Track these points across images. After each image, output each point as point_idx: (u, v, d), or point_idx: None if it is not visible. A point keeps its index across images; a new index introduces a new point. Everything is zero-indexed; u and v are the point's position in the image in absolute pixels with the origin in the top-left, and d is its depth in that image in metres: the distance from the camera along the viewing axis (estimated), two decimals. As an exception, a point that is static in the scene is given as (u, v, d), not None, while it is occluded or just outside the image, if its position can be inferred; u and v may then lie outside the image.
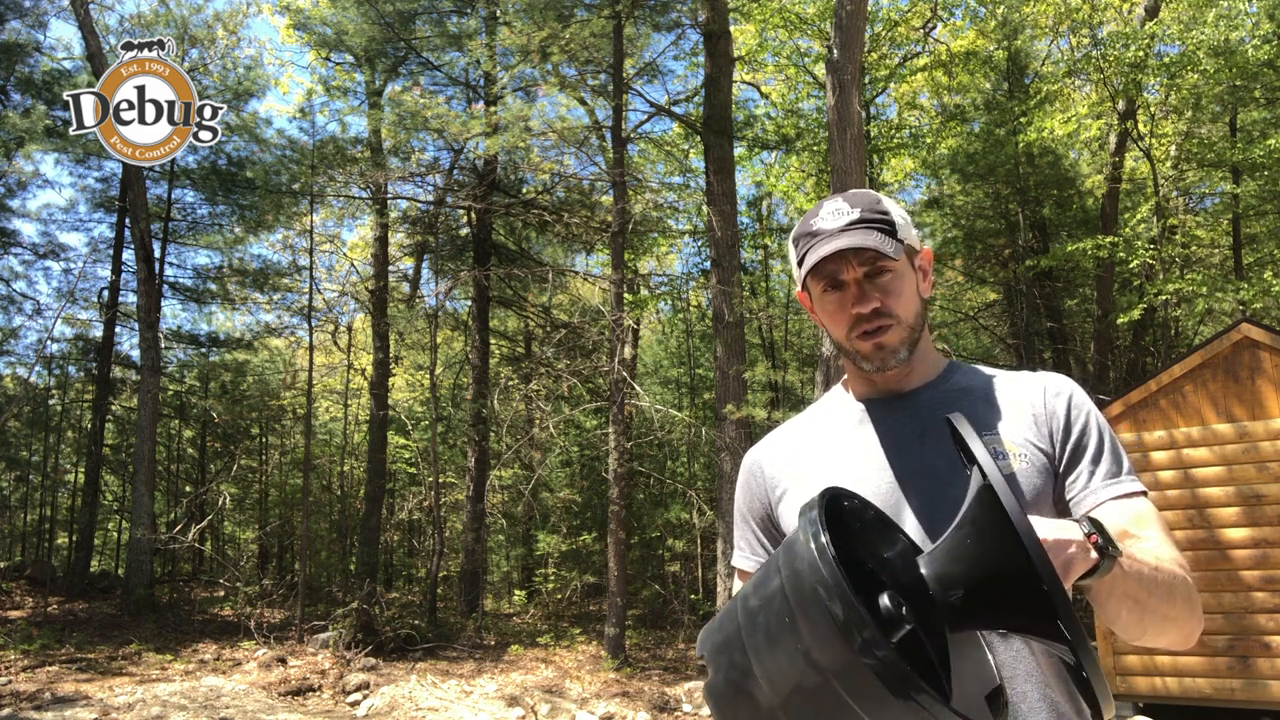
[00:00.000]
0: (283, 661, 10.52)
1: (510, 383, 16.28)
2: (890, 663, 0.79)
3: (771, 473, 1.47)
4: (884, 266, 1.33)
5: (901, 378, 1.41)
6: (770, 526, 1.47)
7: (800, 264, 1.37)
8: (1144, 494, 1.29)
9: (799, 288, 1.48)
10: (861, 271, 1.33)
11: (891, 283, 1.34)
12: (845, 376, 1.51)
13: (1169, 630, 1.19)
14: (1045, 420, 1.32)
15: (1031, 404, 1.34)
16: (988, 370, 1.43)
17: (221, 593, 15.51)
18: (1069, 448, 1.31)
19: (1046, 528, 1.02)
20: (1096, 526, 1.05)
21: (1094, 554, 1.02)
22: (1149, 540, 1.24)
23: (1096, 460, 1.30)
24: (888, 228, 1.33)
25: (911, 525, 1.29)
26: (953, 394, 1.38)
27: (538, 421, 15.17)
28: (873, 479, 1.33)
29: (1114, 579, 1.07)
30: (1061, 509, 1.30)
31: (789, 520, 1.41)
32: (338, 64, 16.23)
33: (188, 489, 19.30)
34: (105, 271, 16.76)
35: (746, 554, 1.51)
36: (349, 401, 19.40)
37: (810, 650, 0.84)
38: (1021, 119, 13.97)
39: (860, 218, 1.32)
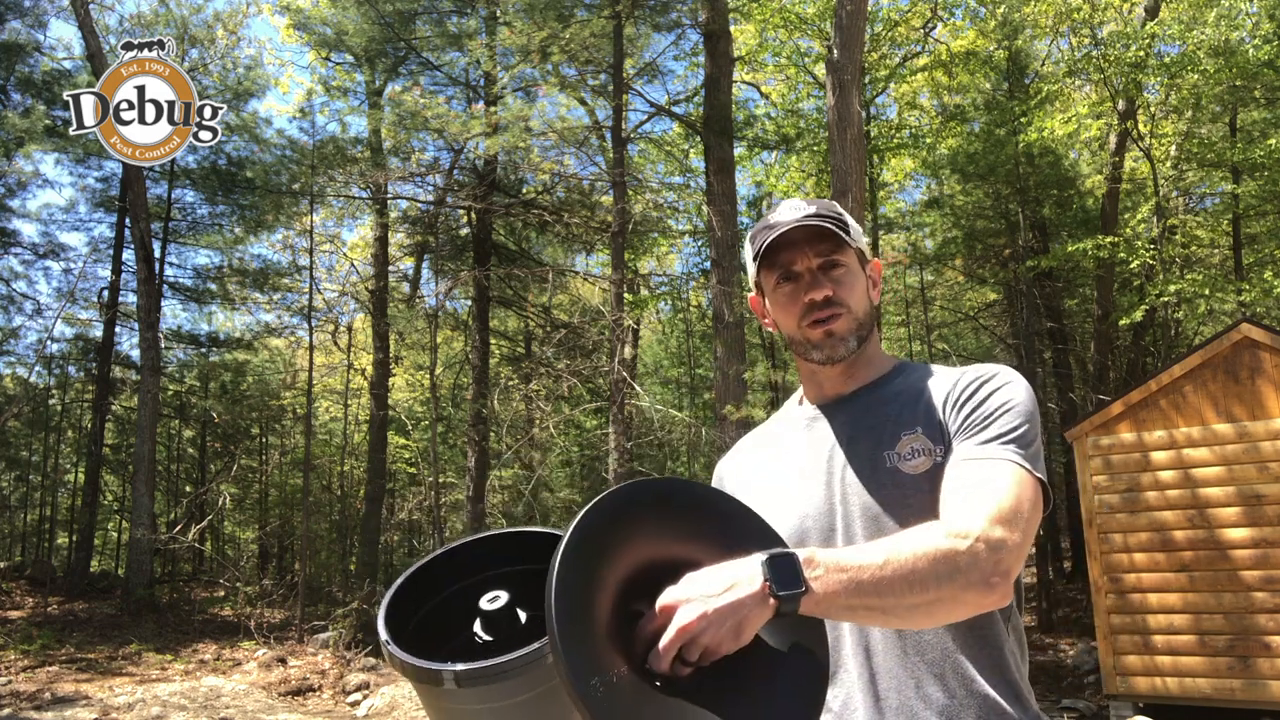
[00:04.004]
0: (283, 661, 10.51)
1: (510, 383, 16.28)
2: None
3: (733, 485, 1.51)
4: (837, 260, 1.39)
5: (845, 379, 1.44)
6: None
7: (756, 258, 1.40)
8: (1015, 464, 1.20)
9: (751, 290, 1.52)
10: (816, 263, 1.38)
11: (844, 276, 1.39)
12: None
13: (938, 612, 1.10)
14: (952, 404, 1.32)
15: (949, 391, 1.34)
16: (932, 368, 1.44)
17: (221, 593, 15.51)
18: (960, 417, 1.29)
19: (709, 591, 0.97)
20: (775, 567, 0.99)
21: (771, 600, 0.97)
22: (952, 504, 1.18)
23: (974, 426, 1.27)
24: (842, 226, 1.38)
25: (840, 537, 1.32)
26: (888, 396, 1.40)
27: (538, 421, 15.17)
28: (811, 491, 1.37)
29: (818, 604, 1.01)
30: None
31: None
32: (338, 64, 16.23)
33: (188, 489, 19.31)
34: (105, 271, 16.78)
35: None
36: (349, 401, 19.40)
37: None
38: (1021, 119, 13.96)
39: (817, 213, 1.37)
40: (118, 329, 16.75)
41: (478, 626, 1.09)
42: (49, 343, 16.65)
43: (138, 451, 14.33)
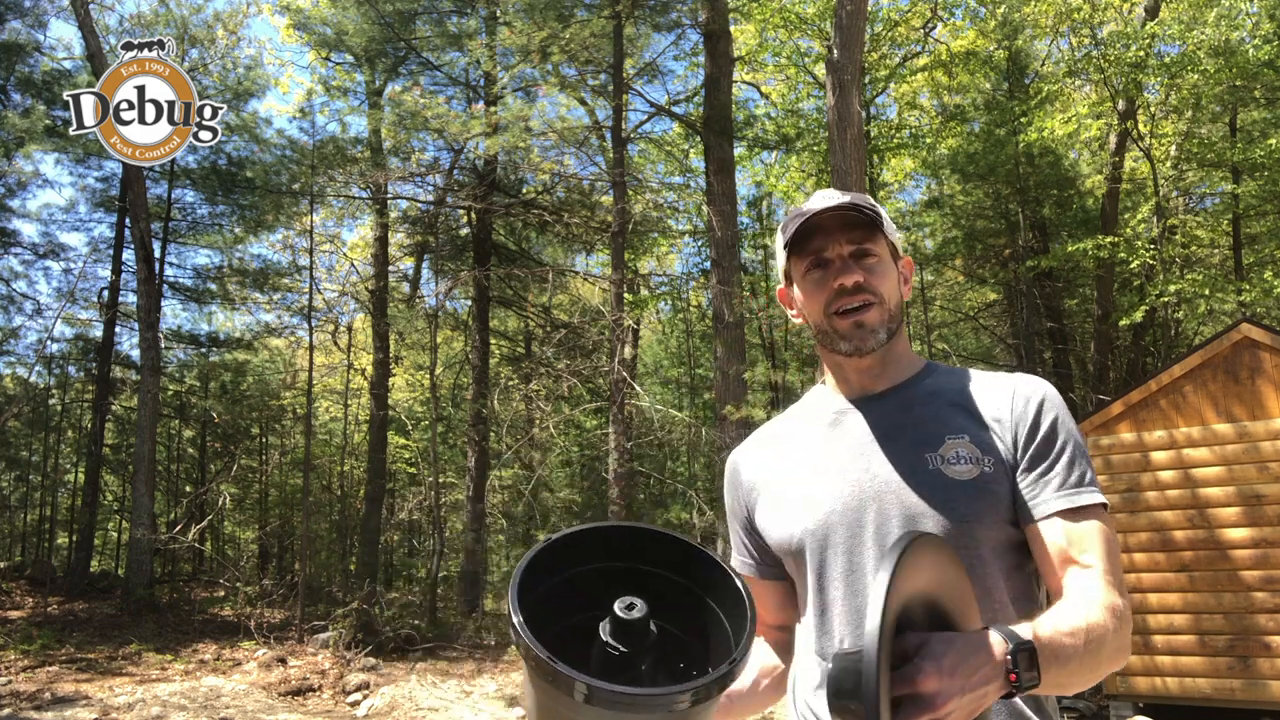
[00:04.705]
0: (283, 661, 10.51)
1: (510, 383, 16.28)
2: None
3: (748, 476, 1.48)
4: (870, 250, 1.36)
5: (875, 377, 1.41)
6: (751, 530, 1.47)
7: (787, 245, 1.38)
8: (1100, 506, 1.27)
9: (780, 280, 1.49)
10: (848, 250, 1.36)
11: (876, 265, 1.36)
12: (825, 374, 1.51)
13: (1092, 682, 1.19)
14: (1012, 423, 1.31)
15: (999, 406, 1.33)
16: (965, 371, 1.43)
17: (221, 593, 15.50)
18: (1030, 451, 1.29)
19: (966, 679, 0.97)
20: (1022, 662, 1.01)
21: (1009, 689, 1.02)
22: (1085, 572, 1.22)
23: (1054, 467, 1.28)
24: (876, 216, 1.36)
25: (869, 534, 1.30)
26: (923, 395, 1.38)
27: (538, 421, 15.17)
28: (837, 487, 1.34)
29: (1033, 690, 1.06)
30: (1020, 510, 1.29)
31: (764, 525, 1.43)
32: (338, 64, 16.23)
33: (188, 489, 19.31)
34: (105, 271, 16.77)
35: (737, 555, 1.53)
36: (349, 401, 19.41)
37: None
38: (1021, 119, 13.97)
39: (852, 202, 1.35)
40: (118, 329, 16.76)
41: (606, 633, 1.03)
42: (49, 343, 16.67)
43: (138, 451, 14.33)
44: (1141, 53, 12.31)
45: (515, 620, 0.98)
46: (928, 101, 18.19)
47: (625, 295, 13.13)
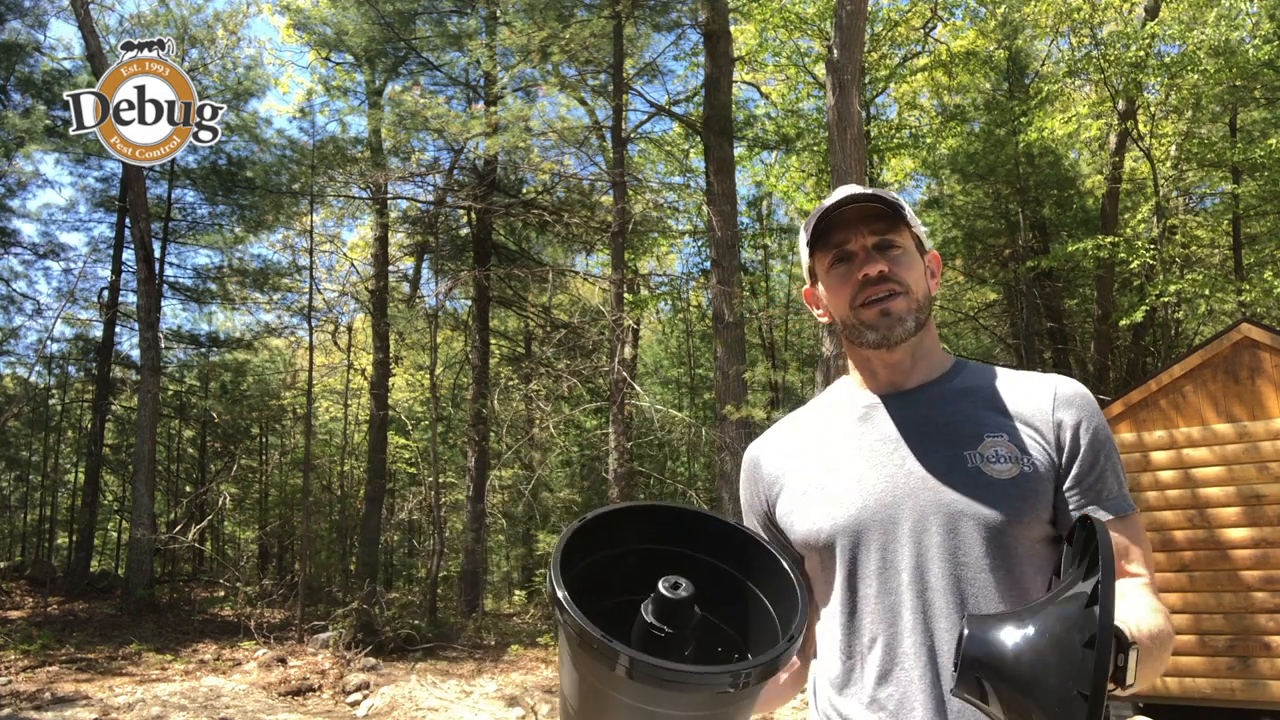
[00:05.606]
0: (283, 661, 10.51)
1: (510, 383, 16.28)
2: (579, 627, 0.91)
3: (769, 469, 1.45)
4: (894, 241, 1.34)
5: (905, 372, 1.38)
6: (770, 524, 1.45)
7: (810, 243, 1.36)
8: (1136, 513, 1.32)
9: (805, 278, 1.47)
10: (871, 241, 1.34)
11: (901, 256, 1.34)
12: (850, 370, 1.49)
13: (1147, 684, 1.24)
14: (1053, 427, 1.30)
15: (1040, 408, 1.32)
16: (995, 369, 1.41)
17: (221, 593, 15.50)
18: (1078, 461, 1.29)
19: None
20: (1128, 654, 1.02)
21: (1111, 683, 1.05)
22: (1135, 581, 1.28)
23: (1103, 478, 1.30)
24: (898, 208, 1.34)
25: (905, 531, 1.28)
26: (955, 393, 1.36)
27: (538, 421, 15.17)
28: (869, 482, 1.32)
29: None
30: (1059, 512, 1.29)
31: (787, 519, 1.40)
32: (338, 64, 16.24)
33: (188, 489, 19.30)
34: (105, 271, 16.77)
35: None
36: (349, 401, 19.40)
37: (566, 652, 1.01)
38: (1021, 119, 13.98)
39: (874, 194, 1.33)
40: (118, 329, 16.75)
41: (649, 613, 1.00)
42: (49, 343, 16.66)
43: (138, 451, 14.33)
44: (1141, 53, 12.32)
45: (560, 594, 0.94)
46: (928, 101, 18.19)
47: (625, 295, 13.14)
